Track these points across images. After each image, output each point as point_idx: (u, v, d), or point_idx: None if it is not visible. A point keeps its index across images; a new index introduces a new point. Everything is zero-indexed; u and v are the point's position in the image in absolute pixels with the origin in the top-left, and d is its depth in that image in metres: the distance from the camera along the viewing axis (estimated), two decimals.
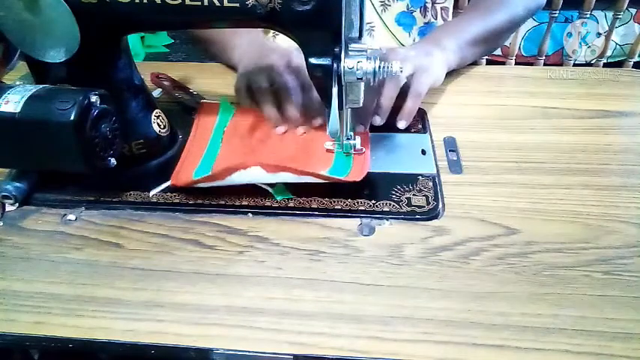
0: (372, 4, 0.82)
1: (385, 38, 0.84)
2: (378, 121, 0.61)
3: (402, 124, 0.61)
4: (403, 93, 0.61)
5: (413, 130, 0.64)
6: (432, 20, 0.87)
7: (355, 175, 0.53)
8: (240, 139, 0.61)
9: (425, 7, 0.85)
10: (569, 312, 0.42)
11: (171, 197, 0.54)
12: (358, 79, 0.48)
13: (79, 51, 0.49)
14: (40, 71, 0.52)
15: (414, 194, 0.54)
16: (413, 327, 0.41)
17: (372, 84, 0.50)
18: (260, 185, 0.54)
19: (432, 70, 0.64)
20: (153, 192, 0.53)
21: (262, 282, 0.45)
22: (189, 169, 0.55)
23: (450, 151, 0.60)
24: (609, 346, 0.39)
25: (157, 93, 0.72)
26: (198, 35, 0.81)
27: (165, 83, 0.72)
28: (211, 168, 0.56)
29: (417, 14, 0.85)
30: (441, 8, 0.88)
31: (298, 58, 0.63)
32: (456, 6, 0.92)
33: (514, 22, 0.79)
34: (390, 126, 0.62)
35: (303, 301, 0.43)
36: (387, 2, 0.83)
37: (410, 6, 0.84)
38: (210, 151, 0.59)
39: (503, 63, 1.08)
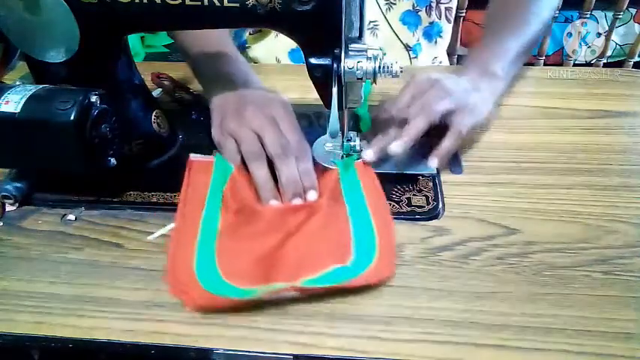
0: (377, 3, 0.82)
1: (389, 37, 0.84)
2: (394, 148, 0.54)
3: (433, 163, 0.55)
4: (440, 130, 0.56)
5: None
6: (436, 20, 0.87)
7: (381, 269, 0.45)
8: (242, 205, 0.51)
9: (430, 7, 0.85)
10: (569, 312, 0.42)
11: (171, 197, 0.54)
12: (358, 79, 0.48)
13: (79, 51, 0.49)
14: (40, 71, 0.52)
15: (414, 194, 0.54)
16: (413, 327, 0.41)
17: (372, 83, 0.50)
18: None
19: (477, 108, 0.58)
20: (151, 237, 0.49)
21: None
22: (185, 267, 0.45)
23: None
24: (609, 346, 0.39)
25: (156, 93, 0.72)
26: (181, 45, 0.71)
27: (166, 83, 0.72)
28: (214, 252, 0.46)
29: (422, 14, 0.85)
30: (445, 8, 0.88)
31: (283, 109, 0.56)
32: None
33: (546, 27, 0.74)
34: None
35: (303, 301, 0.43)
36: (392, 1, 0.83)
37: (416, 5, 0.84)
38: (206, 228, 0.48)
39: None
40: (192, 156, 0.55)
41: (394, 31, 0.84)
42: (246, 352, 0.40)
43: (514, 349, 0.39)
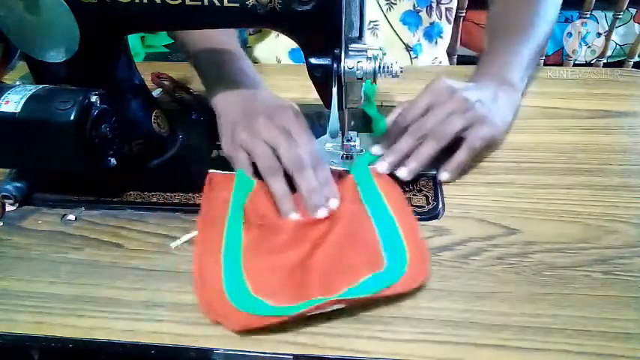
0: (378, 3, 0.82)
1: (389, 37, 0.84)
2: (401, 174, 0.54)
3: (444, 176, 0.55)
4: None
5: None
6: (437, 21, 0.88)
7: (417, 273, 0.44)
8: (263, 221, 0.50)
9: (430, 7, 0.85)
10: (569, 312, 0.42)
11: (171, 197, 0.54)
12: (358, 79, 0.48)
13: (79, 51, 0.49)
14: (40, 71, 0.52)
15: (414, 194, 0.54)
16: (413, 327, 0.41)
17: (372, 83, 0.49)
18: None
19: (494, 121, 0.57)
20: (174, 244, 0.48)
21: None
22: (214, 287, 0.43)
23: None
24: (609, 346, 0.39)
25: (156, 93, 0.72)
26: (181, 42, 0.69)
27: (166, 83, 0.72)
28: (241, 269, 0.45)
29: (423, 14, 0.85)
30: (446, 9, 0.88)
31: (294, 117, 0.54)
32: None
33: (552, 28, 0.73)
34: None
35: None
36: (392, 1, 0.83)
37: (416, 5, 0.84)
38: (230, 245, 0.47)
39: None
40: (211, 171, 0.53)
41: (395, 31, 0.84)
42: (246, 352, 0.40)
43: (514, 349, 0.39)
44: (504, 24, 0.71)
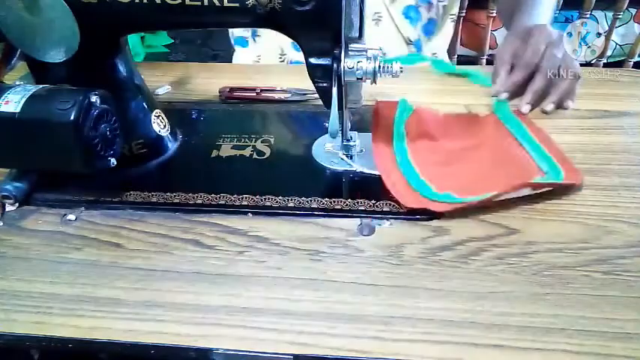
0: None
1: (391, 30, 0.85)
2: (550, 107, 0.66)
3: (570, 105, 0.68)
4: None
5: None
6: (433, 17, 0.88)
7: (572, 176, 0.54)
8: (423, 136, 0.61)
9: (430, 4, 0.86)
10: (569, 312, 0.42)
11: (171, 197, 0.54)
12: (358, 79, 0.48)
13: (79, 51, 0.49)
14: (40, 71, 0.53)
15: None
16: (413, 327, 0.41)
17: (371, 83, 0.50)
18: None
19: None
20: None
21: (262, 282, 0.45)
22: (400, 181, 0.54)
23: None
24: (609, 346, 0.39)
25: (161, 91, 0.72)
26: None
27: None
28: (420, 176, 0.54)
29: (422, 9, 0.86)
30: (442, 6, 0.89)
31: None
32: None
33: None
34: None
35: (303, 301, 0.43)
36: None
37: (418, 1, 0.85)
38: (401, 157, 0.57)
39: None
40: (379, 100, 0.65)
41: (396, 25, 0.85)
42: (246, 352, 0.40)
43: (514, 349, 0.39)
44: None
